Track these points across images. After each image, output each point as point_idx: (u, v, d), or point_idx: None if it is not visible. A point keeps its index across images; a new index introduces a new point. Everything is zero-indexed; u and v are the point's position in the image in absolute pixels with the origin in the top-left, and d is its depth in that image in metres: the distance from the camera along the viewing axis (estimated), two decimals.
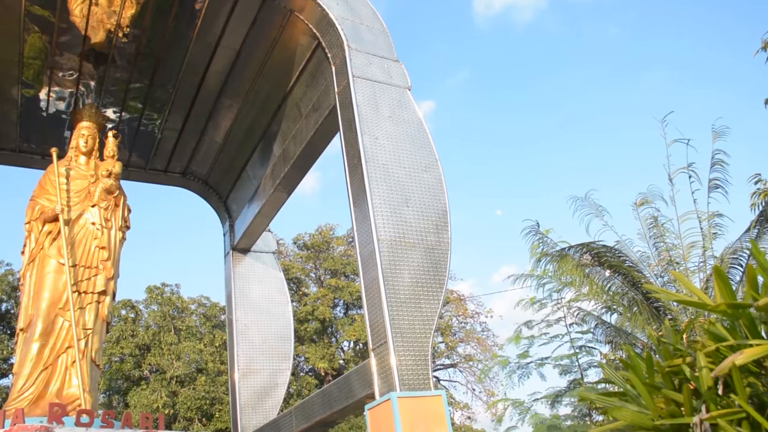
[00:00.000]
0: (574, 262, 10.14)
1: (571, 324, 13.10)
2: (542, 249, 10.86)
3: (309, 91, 8.97)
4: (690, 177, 10.17)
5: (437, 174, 7.28)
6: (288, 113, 9.63)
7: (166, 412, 23.93)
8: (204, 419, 25.24)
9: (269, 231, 11.66)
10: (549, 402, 12.94)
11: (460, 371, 31.83)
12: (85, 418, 6.71)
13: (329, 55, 8.09)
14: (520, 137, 66.14)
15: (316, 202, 59.76)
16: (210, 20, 8.66)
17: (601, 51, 66.58)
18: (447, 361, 31.74)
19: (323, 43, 8.17)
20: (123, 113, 10.36)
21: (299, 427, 8.26)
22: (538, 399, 13.24)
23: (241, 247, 11.45)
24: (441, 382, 31.14)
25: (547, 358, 13.43)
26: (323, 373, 29.04)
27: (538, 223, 11.23)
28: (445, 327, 30.50)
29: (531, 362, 13.56)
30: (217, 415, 24.97)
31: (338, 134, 7.77)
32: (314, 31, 8.24)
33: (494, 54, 68.51)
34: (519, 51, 68.37)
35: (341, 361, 29.60)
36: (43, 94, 9.82)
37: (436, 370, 30.74)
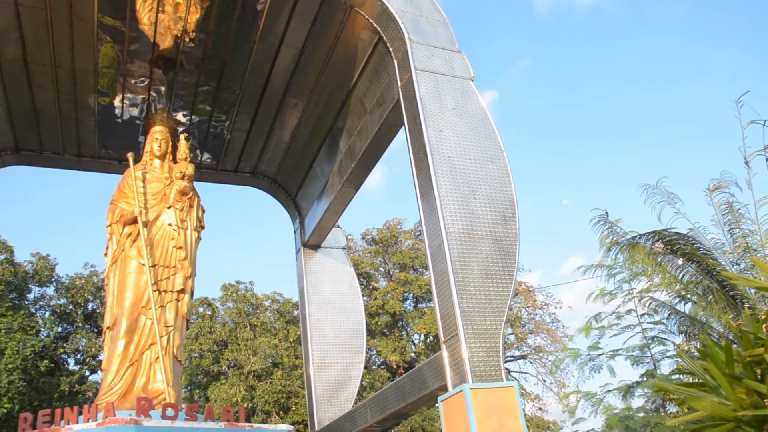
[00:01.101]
0: (645, 251, 9.85)
1: (642, 314, 12.72)
2: (612, 238, 10.60)
3: (372, 86, 9.07)
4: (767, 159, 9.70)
5: (503, 165, 7.25)
6: (352, 109, 9.75)
7: (245, 405, 24.65)
8: (281, 412, 25.90)
9: (338, 227, 11.86)
10: (621, 394, 12.63)
11: (531, 362, 31.52)
12: (170, 412, 7.00)
13: (391, 49, 8.16)
14: (585, 124, 64.48)
15: (382, 196, 60.09)
16: (272, 20, 8.87)
17: (667, 31, 64.00)
18: (517, 353, 31.46)
19: (384, 37, 8.23)
20: (193, 116, 10.76)
21: (374, 419, 8.40)
22: (610, 391, 12.94)
23: (311, 243, 11.69)
24: (511, 373, 30.88)
25: (618, 350, 13.10)
26: (395, 366, 29.28)
27: (607, 213, 10.97)
28: (514, 318, 30.22)
29: (602, 354, 13.26)
30: (293, 408, 25.57)
31: (403, 128, 7.82)
32: (375, 25, 8.32)
33: (555, 40, 66.97)
34: (580, 35, 66.60)
35: (412, 354, 29.74)
36: (117, 102, 10.31)
37: (506, 362, 30.52)
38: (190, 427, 6.99)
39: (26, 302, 27.18)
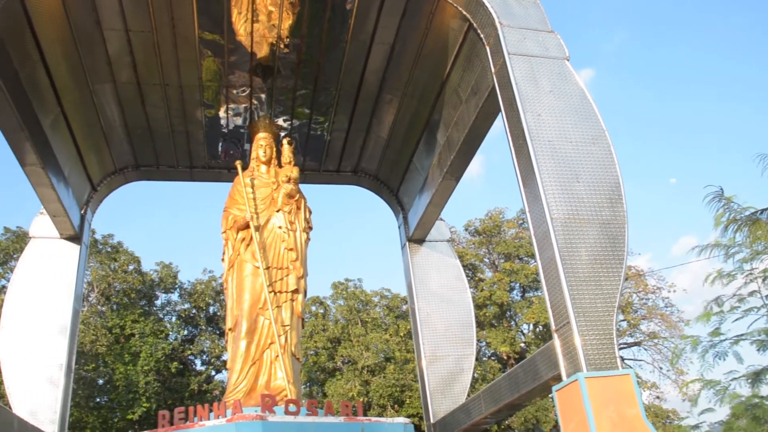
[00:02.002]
0: (767, 227, 9.24)
1: (767, 295, 11.88)
2: (729, 216, 9.99)
3: (466, 75, 9.03)
4: None
5: (606, 145, 7.04)
6: (448, 100, 9.76)
7: (361, 400, 25.21)
8: (396, 405, 26.29)
9: (441, 220, 11.89)
10: (749, 381, 11.85)
11: (645, 349, 30.29)
12: (292, 407, 7.28)
13: (482, 35, 8.09)
14: (687, 98, 60.79)
15: (482, 186, 59.53)
16: (361, 19, 9.02)
17: None
18: (630, 340, 30.30)
19: (474, 24, 8.17)
20: (293, 120, 11.14)
21: (489, 410, 8.40)
22: (736, 378, 12.17)
23: (416, 238, 11.80)
24: (626, 361, 29.75)
25: (743, 335, 12.30)
26: (505, 357, 28.99)
27: (722, 189, 10.34)
28: (625, 304, 29.10)
29: (725, 339, 12.49)
30: (407, 402, 25.89)
31: (500, 115, 7.75)
32: (464, 12, 8.27)
33: (650, 10, 63.54)
34: (677, 2, 62.82)
35: (522, 345, 29.33)
36: (222, 112, 10.84)
37: (620, 349, 29.41)
38: (311, 422, 7.18)
39: (155, 308, 29.08)
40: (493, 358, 29.94)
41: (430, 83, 9.87)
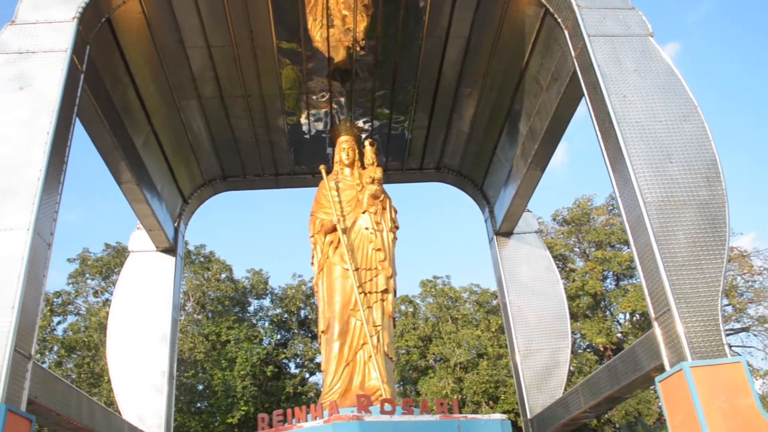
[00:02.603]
0: None
1: None
2: None
3: (545, 62, 8.91)
4: None
5: (699, 122, 6.80)
6: (528, 89, 9.65)
7: (455, 397, 25.19)
8: (491, 402, 26.12)
9: (528, 211, 11.77)
10: None
11: (755, 335, 28.69)
12: (388, 407, 7.38)
13: (559, 19, 7.96)
14: None
15: (567, 174, 58.14)
16: (435, 15, 9.06)
17: None
18: (737, 325, 28.78)
19: (550, 9, 8.05)
20: (374, 121, 11.31)
21: (588, 404, 8.26)
22: None
23: (503, 231, 11.72)
24: (733, 348, 28.30)
25: None
26: (602, 349, 28.24)
27: None
28: (729, 288, 27.67)
29: None
30: (502, 398, 25.67)
31: (583, 100, 7.62)
32: None
33: None
34: None
35: (619, 335, 28.48)
36: (303, 119, 11.14)
37: (726, 336, 28.01)
38: (407, 420, 7.24)
39: (248, 314, 30.06)
40: (588, 350, 29.23)
41: (508, 73, 9.79)
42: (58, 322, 27.99)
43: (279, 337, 30.46)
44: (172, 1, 8.52)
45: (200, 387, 26.52)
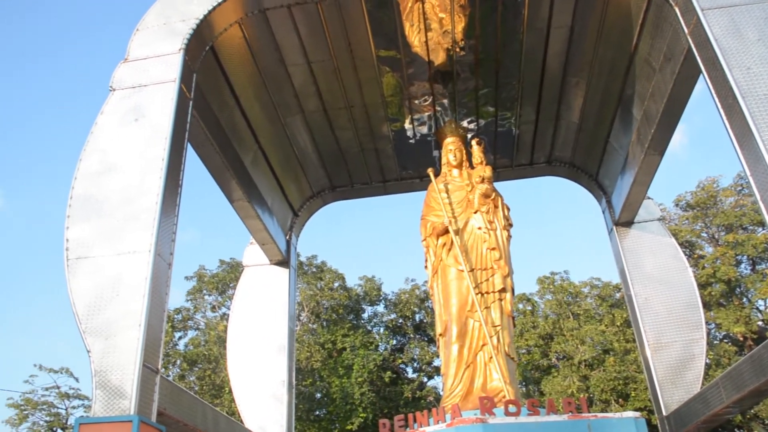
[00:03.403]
0: None
1: None
2: None
3: (656, 43, 8.65)
4: None
5: None
6: (639, 72, 9.40)
7: (581, 396, 24.62)
8: (620, 399, 25.32)
9: (649, 198, 11.42)
10: None
11: None
12: (512, 408, 7.41)
13: None
14: None
15: (687, 156, 55.35)
16: (535, 7, 9.03)
17: None
18: None
19: None
20: (479, 120, 11.36)
21: (730, 399, 7.95)
22: None
23: (623, 221, 11.43)
24: None
25: None
26: (741, 338, 26.69)
27: None
28: None
29: None
30: (633, 395, 24.81)
31: (701, 77, 7.35)
32: None
33: None
34: None
35: (760, 323, 26.79)
36: (407, 124, 11.36)
37: None
38: (534, 422, 7.22)
39: (362, 321, 30.67)
40: (726, 340, 27.72)
41: (617, 58, 9.57)
42: (180, 337, 29.76)
43: (395, 342, 30.85)
44: (271, 24, 8.96)
45: (318, 395, 27.30)
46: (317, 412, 27.19)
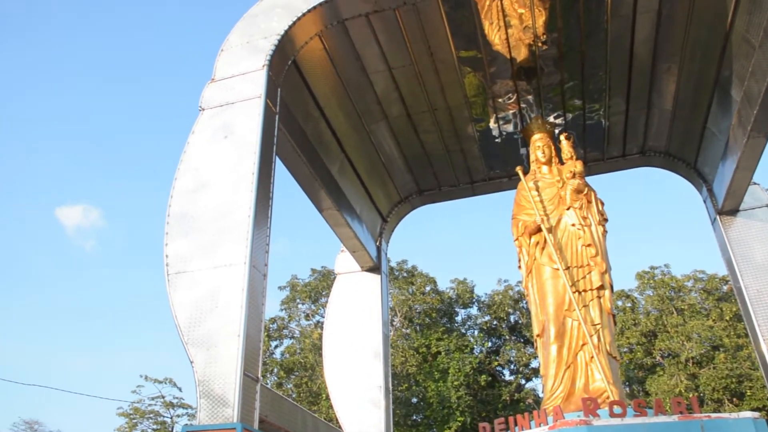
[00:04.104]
0: None
1: None
2: None
3: (754, 18, 8.20)
4: None
5: None
6: (736, 51, 8.95)
7: (690, 395, 23.62)
8: (734, 399, 24.11)
9: (755, 184, 10.83)
10: None
11: None
12: (617, 409, 7.16)
13: None
14: None
15: None
16: None
17: None
18: None
19: None
20: (566, 114, 11.12)
21: None
22: None
23: (727, 209, 10.88)
24: None
25: None
26: None
27: None
28: None
29: None
30: (748, 393, 23.60)
31: None
32: None
33: None
34: None
35: None
36: (492, 123, 11.25)
37: None
38: (641, 423, 6.96)
39: (456, 324, 30.62)
40: None
41: (710, 38, 9.15)
42: (276, 346, 30.60)
43: (490, 344, 30.60)
44: (350, 34, 9.10)
45: (414, 400, 27.41)
46: (414, 417, 27.30)
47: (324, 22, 8.64)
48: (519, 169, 9.79)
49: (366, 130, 11.00)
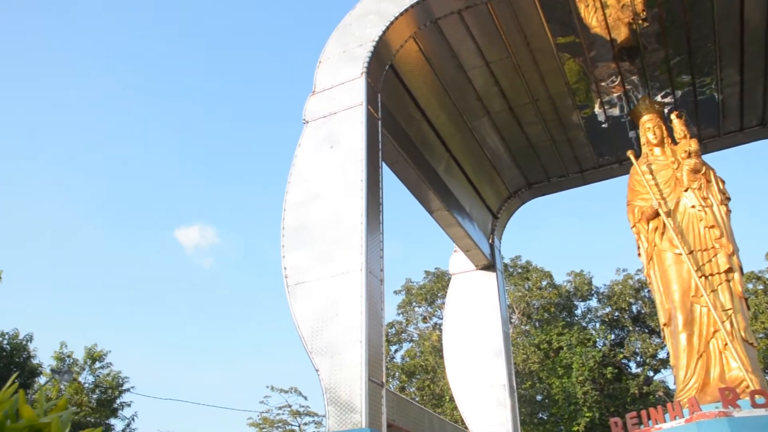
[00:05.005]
0: None
1: None
2: None
3: None
4: None
5: None
6: None
7: None
8: None
9: None
10: None
11: None
12: (760, 399, 6.75)
13: None
14: None
15: None
16: None
17: None
18: None
19: None
20: (675, 92, 10.62)
21: None
22: None
23: None
24: None
25: None
26: None
27: None
28: None
29: None
30: None
31: None
32: None
33: None
34: None
35: None
36: (597, 109, 10.91)
37: None
38: None
39: (576, 318, 29.81)
40: None
41: None
42: (395, 351, 30.85)
43: (613, 336, 29.55)
44: (444, 32, 9.09)
45: (539, 397, 26.88)
46: (540, 415, 26.79)
47: (417, 23, 8.68)
48: (630, 153, 9.41)
49: (469, 127, 10.94)
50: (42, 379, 19.90)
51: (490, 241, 12.58)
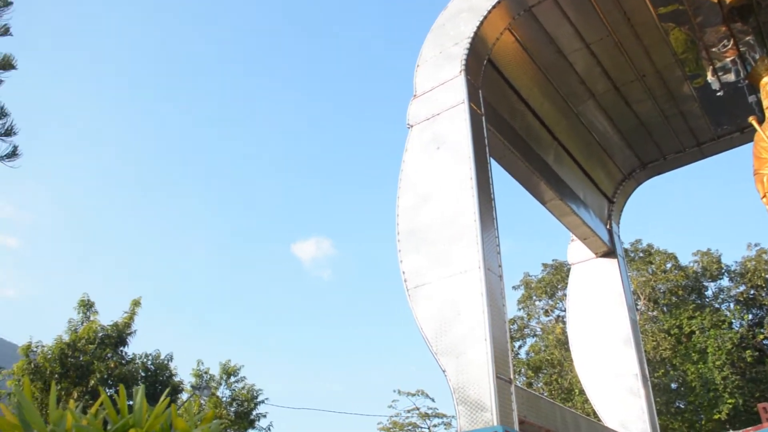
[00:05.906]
0: None
1: None
2: None
3: None
4: None
5: None
6: None
7: None
8: None
9: None
10: None
11: None
12: None
13: None
14: None
15: None
16: None
17: None
18: None
19: None
20: None
21: None
22: None
23: None
24: None
25: None
26: None
27: None
28: None
29: None
30: None
31: None
32: None
33: None
34: None
35: None
36: (710, 77, 10.31)
37: None
38: None
39: (707, 299, 28.21)
40: None
41: None
42: (519, 346, 30.30)
43: (750, 317, 27.70)
44: (539, 19, 8.88)
45: (674, 385, 25.57)
46: (677, 404, 25.47)
47: (511, 14, 8.52)
48: (752, 119, 8.79)
49: (574, 112, 10.63)
50: (184, 395, 20.93)
51: (608, 226, 12.13)
